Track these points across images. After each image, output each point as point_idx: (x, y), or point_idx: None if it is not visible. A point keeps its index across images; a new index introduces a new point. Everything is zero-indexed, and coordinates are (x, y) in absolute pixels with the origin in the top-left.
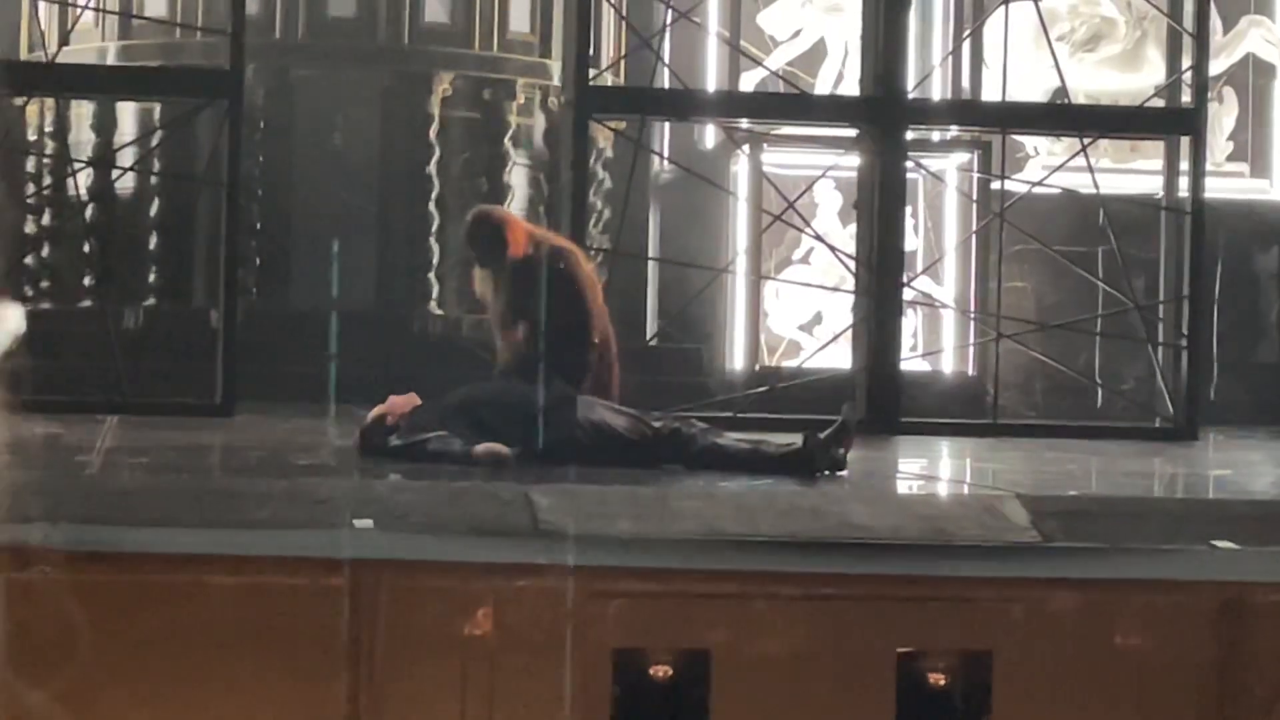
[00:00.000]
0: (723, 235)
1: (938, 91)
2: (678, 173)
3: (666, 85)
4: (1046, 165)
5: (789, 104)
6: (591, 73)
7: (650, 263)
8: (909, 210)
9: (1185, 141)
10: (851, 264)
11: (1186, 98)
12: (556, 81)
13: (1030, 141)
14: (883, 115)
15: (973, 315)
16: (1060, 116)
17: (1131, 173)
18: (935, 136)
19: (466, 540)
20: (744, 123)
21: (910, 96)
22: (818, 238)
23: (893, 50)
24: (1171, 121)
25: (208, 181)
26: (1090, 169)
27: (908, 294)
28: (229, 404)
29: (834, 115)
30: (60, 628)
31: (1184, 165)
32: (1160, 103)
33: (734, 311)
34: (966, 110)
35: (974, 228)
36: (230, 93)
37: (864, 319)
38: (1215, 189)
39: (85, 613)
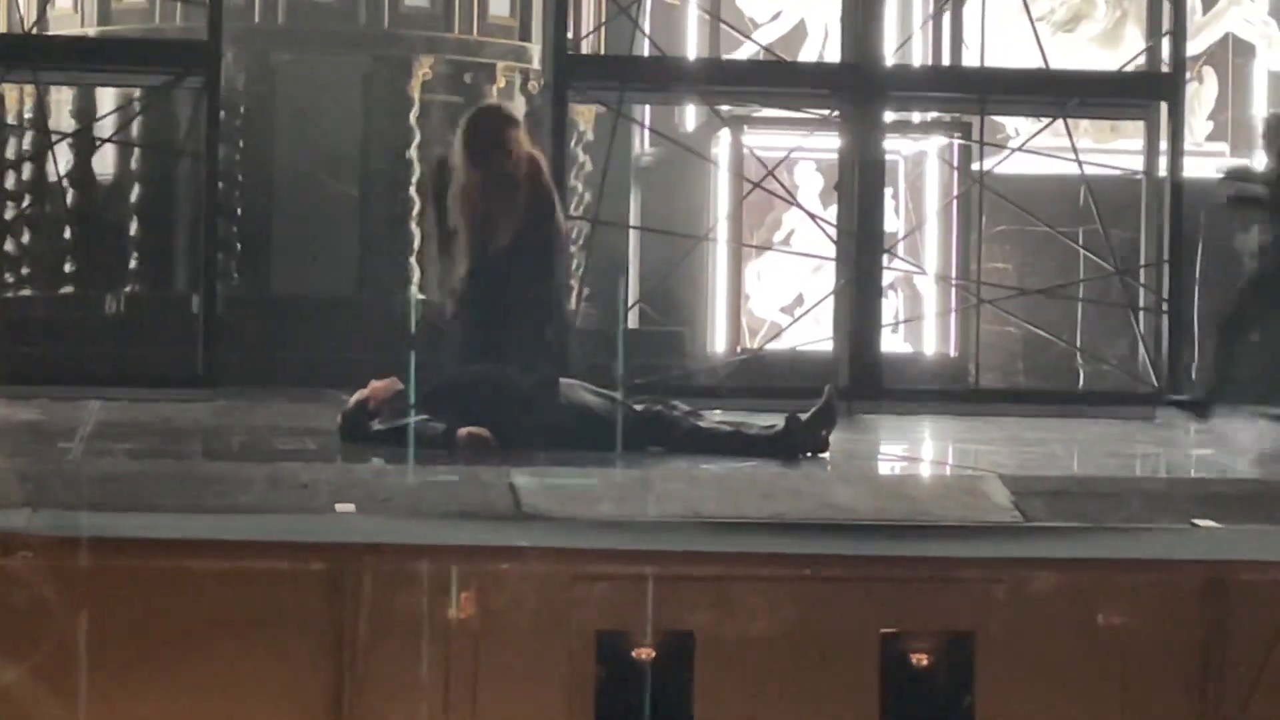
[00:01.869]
0: (704, 218)
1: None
2: (659, 156)
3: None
4: (1028, 145)
5: (768, 72)
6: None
7: (631, 249)
8: (890, 192)
9: (1164, 116)
10: (832, 244)
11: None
12: (537, 65)
13: (1011, 122)
14: (862, 81)
15: (954, 281)
16: (1038, 81)
17: (1112, 152)
18: (915, 118)
19: (449, 524)
20: (725, 107)
21: (890, 67)
22: (797, 204)
23: (872, 31)
24: (1150, 86)
25: (186, 153)
26: (1071, 140)
27: (889, 275)
28: (210, 389)
29: (813, 83)
30: (41, 613)
31: (1163, 144)
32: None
33: (715, 294)
34: (945, 77)
35: (955, 208)
36: (207, 66)
37: (843, 295)
38: (1196, 169)
39: (66, 598)
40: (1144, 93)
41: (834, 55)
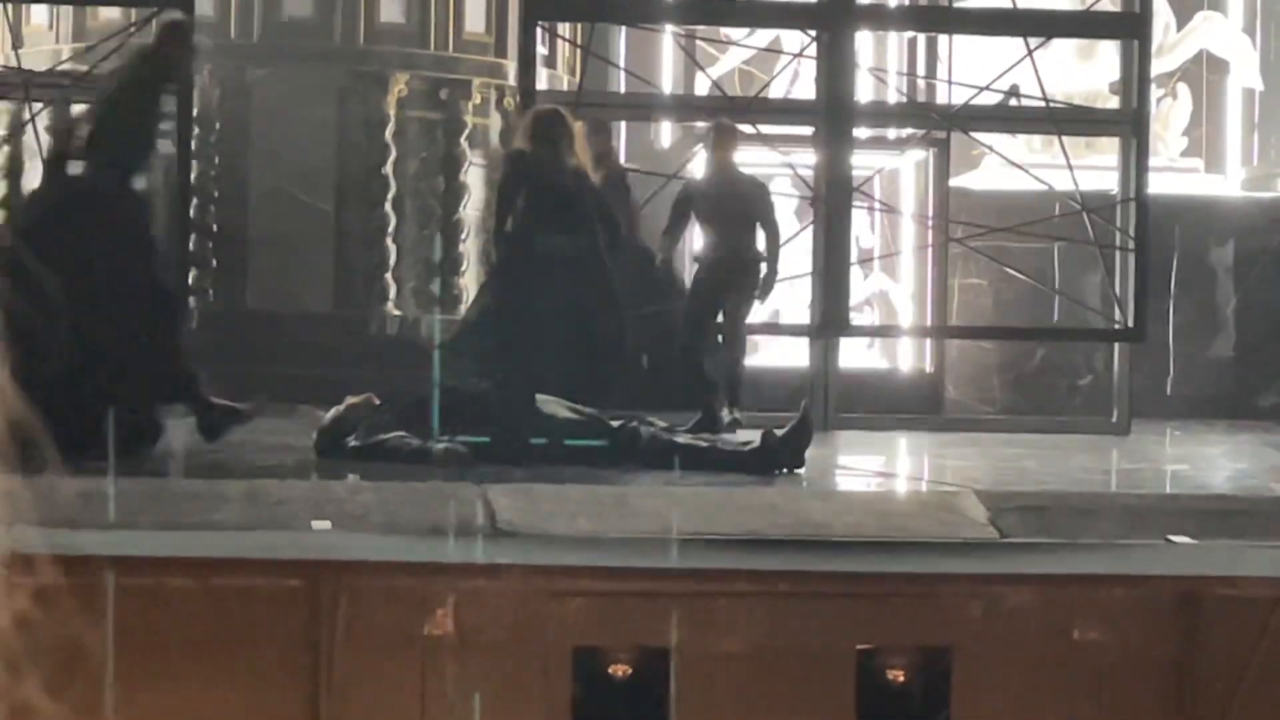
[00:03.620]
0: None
1: (893, 86)
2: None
3: (622, 85)
4: (1005, 161)
5: (740, 12)
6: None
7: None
8: (866, 208)
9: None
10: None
11: (1140, 94)
12: (512, 81)
13: (986, 138)
14: (833, 16)
15: (928, 221)
16: (1009, 22)
17: (1086, 168)
18: (891, 135)
19: (425, 540)
20: (700, 123)
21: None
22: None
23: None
24: (1117, 27)
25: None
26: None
27: (865, 292)
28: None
29: (785, 21)
30: (15, 631)
31: (1150, 162)
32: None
33: None
34: (919, 15)
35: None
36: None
37: (818, 310)
38: (1170, 185)
39: (40, 616)
40: (1111, 34)
41: (808, 72)
